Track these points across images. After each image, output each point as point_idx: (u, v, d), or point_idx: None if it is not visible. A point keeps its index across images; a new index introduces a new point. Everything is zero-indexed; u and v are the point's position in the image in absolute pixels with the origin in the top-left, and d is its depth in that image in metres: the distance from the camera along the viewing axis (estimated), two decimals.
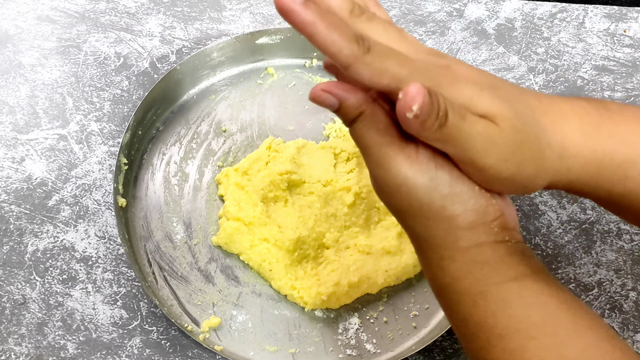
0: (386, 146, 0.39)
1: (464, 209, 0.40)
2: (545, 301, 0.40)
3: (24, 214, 0.67)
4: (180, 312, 0.64)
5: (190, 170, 0.71)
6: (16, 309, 0.63)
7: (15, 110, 0.72)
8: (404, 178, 0.39)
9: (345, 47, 0.35)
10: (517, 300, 0.40)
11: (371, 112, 0.39)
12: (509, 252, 0.41)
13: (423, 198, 0.39)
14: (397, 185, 0.39)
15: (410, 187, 0.39)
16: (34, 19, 0.77)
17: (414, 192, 0.39)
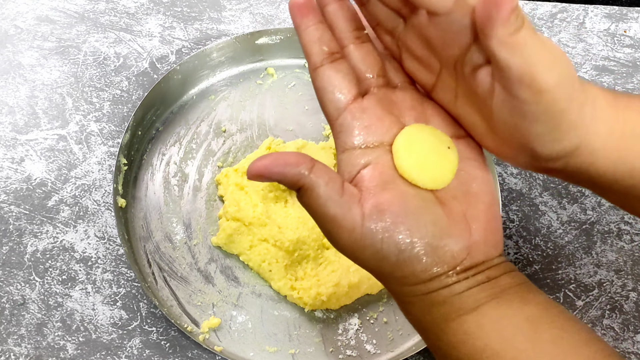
0: (330, 220, 0.39)
1: (413, 270, 0.39)
2: (504, 325, 0.39)
3: (23, 214, 0.67)
4: (180, 313, 0.64)
5: (190, 170, 0.71)
6: (16, 310, 0.63)
7: (14, 111, 0.72)
8: (350, 250, 0.40)
9: None
10: (476, 332, 0.39)
11: (310, 186, 0.39)
12: (469, 286, 0.40)
13: (370, 265, 0.40)
14: (345, 252, 0.40)
15: (357, 257, 0.40)
16: (34, 19, 0.77)
17: (361, 261, 0.40)
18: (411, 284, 0.40)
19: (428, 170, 0.41)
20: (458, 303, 0.40)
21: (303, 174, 0.39)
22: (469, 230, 0.40)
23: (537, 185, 0.71)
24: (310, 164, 0.39)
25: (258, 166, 0.38)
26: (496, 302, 0.40)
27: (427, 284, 0.40)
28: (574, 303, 0.66)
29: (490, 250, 0.41)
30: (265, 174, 0.39)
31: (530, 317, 0.39)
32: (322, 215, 0.39)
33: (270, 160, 0.39)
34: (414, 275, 0.40)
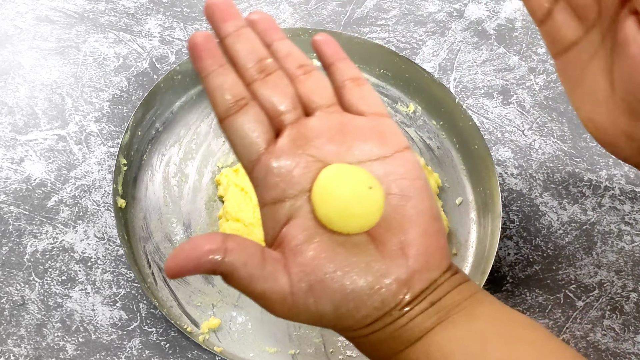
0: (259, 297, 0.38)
1: (355, 320, 0.38)
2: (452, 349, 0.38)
3: (23, 214, 0.67)
4: (179, 313, 0.64)
5: (190, 171, 0.70)
6: (15, 310, 0.63)
7: (14, 111, 0.72)
8: (287, 317, 0.39)
9: None
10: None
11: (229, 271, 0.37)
12: (412, 316, 0.39)
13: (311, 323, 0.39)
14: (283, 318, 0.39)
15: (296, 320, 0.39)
16: (33, 20, 0.77)
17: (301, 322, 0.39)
18: (355, 329, 0.39)
19: (351, 216, 0.38)
20: (404, 336, 0.39)
21: (217, 263, 0.37)
22: (407, 261, 0.39)
23: (538, 185, 0.71)
24: (222, 247, 0.37)
25: (172, 267, 0.37)
26: (442, 326, 0.38)
27: (370, 326, 0.39)
28: (574, 304, 0.66)
29: (433, 274, 0.39)
30: (180, 274, 0.37)
31: (477, 334, 0.38)
32: (251, 294, 0.38)
33: (181, 258, 0.37)
34: (356, 323, 0.39)
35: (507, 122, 0.75)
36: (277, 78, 0.42)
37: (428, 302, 0.39)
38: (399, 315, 0.38)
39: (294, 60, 0.43)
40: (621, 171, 0.72)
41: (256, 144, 0.40)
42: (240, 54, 0.42)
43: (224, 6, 0.42)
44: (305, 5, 0.80)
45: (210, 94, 0.41)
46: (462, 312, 0.39)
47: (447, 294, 0.39)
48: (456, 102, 0.71)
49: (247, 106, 0.40)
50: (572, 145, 0.74)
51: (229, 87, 0.40)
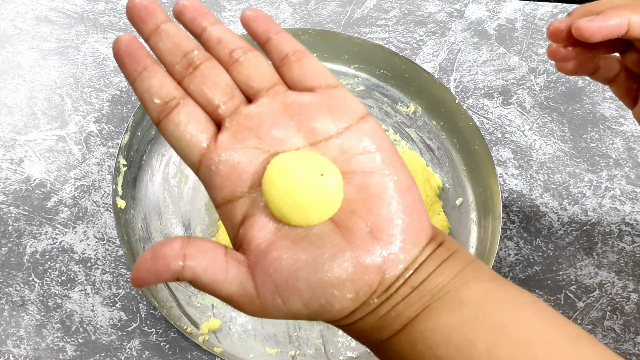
0: (227, 300, 0.36)
1: (331, 314, 0.36)
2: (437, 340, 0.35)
3: (22, 215, 0.67)
4: (179, 314, 0.64)
5: (190, 171, 0.70)
6: (15, 311, 0.63)
7: (13, 111, 0.72)
8: (260, 316, 0.37)
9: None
10: (410, 353, 0.36)
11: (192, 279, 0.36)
12: (392, 303, 0.36)
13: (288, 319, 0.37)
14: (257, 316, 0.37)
15: (271, 318, 0.37)
16: (33, 20, 0.77)
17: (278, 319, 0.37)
18: (335, 321, 0.38)
19: (306, 208, 0.36)
20: (386, 325, 0.37)
21: (178, 272, 0.35)
22: (377, 245, 0.36)
23: (538, 186, 0.71)
24: (181, 254, 0.35)
25: (136, 278, 0.35)
26: (425, 314, 0.36)
27: (348, 317, 0.37)
28: (574, 304, 0.66)
29: (410, 254, 0.36)
30: (145, 284, 0.36)
31: (464, 323, 0.35)
32: (218, 297, 0.36)
33: (143, 270, 0.35)
34: (333, 316, 0.37)
35: (508, 122, 0.75)
36: (206, 69, 0.39)
37: (409, 286, 0.36)
38: (379, 304, 0.36)
39: (226, 45, 0.40)
40: (622, 172, 0.72)
41: (195, 145, 0.38)
42: (165, 52, 0.39)
43: (141, 6, 0.40)
44: (305, 5, 0.80)
45: (139, 98, 0.39)
46: (446, 298, 0.36)
47: (430, 275, 0.36)
48: (456, 102, 0.70)
49: (179, 106, 0.38)
50: (573, 146, 0.74)
51: (157, 90, 0.38)
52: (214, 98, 0.38)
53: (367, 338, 0.39)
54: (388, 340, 0.37)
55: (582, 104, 0.76)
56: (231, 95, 0.39)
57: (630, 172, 0.72)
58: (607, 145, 0.74)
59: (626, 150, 0.74)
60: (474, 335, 0.35)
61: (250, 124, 0.38)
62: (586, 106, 0.76)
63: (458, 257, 0.38)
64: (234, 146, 0.37)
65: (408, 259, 0.36)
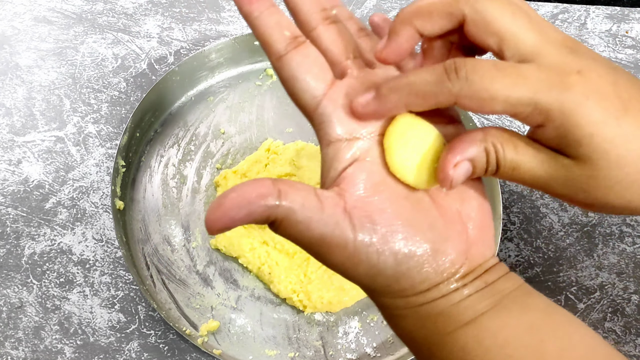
0: (318, 243, 0.35)
1: (412, 282, 0.36)
2: (506, 338, 0.36)
3: (20, 216, 0.67)
4: (178, 316, 0.64)
5: (189, 172, 0.70)
6: (13, 313, 0.63)
7: (12, 112, 0.72)
8: (343, 268, 0.36)
9: None
10: (476, 348, 0.36)
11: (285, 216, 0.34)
12: (467, 294, 0.37)
13: (364, 281, 0.37)
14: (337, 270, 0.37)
15: (350, 274, 0.36)
16: (31, 20, 0.77)
17: (354, 277, 0.36)
18: (407, 296, 0.37)
19: (423, 170, 0.37)
20: (455, 314, 0.37)
21: (273, 206, 0.34)
22: (466, 231, 0.37)
23: None
24: (276, 191, 0.34)
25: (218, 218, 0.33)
26: (495, 311, 0.36)
27: (425, 294, 0.37)
28: (575, 306, 0.66)
29: (486, 251, 0.38)
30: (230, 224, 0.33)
31: (532, 326, 0.36)
32: (308, 239, 0.35)
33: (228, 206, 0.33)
34: (412, 287, 0.36)
35: (508, 123, 0.75)
36: (341, 27, 0.40)
37: (483, 281, 0.37)
38: (455, 288, 0.37)
39: (356, 23, 0.42)
40: None
41: (320, 79, 0.37)
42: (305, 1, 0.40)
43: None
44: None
45: (263, 33, 0.38)
46: (515, 301, 0.37)
47: (500, 278, 0.37)
48: None
49: (307, 44, 0.38)
50: None
51: (286, 25, 0.38)
52: (347, 50, 0.39)
53: (426, 328, 0.38)
54: (453, 333, 0.37)
55: None
56: (357, 54, 0.39)
57: None
58: None
59: None
60: (544, 336, 0.36)
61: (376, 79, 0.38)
62: None
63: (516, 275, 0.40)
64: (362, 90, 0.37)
65: (485, 255, 0.38)
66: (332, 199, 0.35)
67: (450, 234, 0.37)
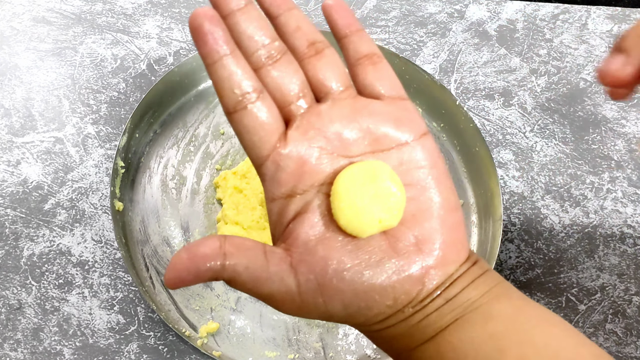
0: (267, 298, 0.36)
1: (366, 318, 0.37)
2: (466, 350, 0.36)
3: (19, 217, 0.66)
4: (178, 317, 0.63)
5: (188, 173, 0.70)
6: (12, 314, 0.63)
7: (10, 113, 0.71)
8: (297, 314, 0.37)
9: None
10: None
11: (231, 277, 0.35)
12: (427, 312, 0.37)
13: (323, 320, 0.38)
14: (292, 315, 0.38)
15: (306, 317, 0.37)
16: (30, 21, 0.77)
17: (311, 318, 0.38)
18: (367, 326, 0.38)
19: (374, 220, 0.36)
20: (417, 334, 0.37)
21: (217, 271, 0.35)
22: (422, 257, 0.37)
23: (539, 188, 0.71)
24: (221, 253, 0.35)
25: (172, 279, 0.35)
26: (456, 325, 0.36)
27: (383, 322, 0.37)
28: (576, 307, 0.66)
29: (449, 269, 0.37)
30: (181, 285, 0.35)
31: (493, 335, 0.35)
32: (257, 296, 0.36)
33: (179, 269, 0.35)
34: (368, 320, 0.37)
35: (509, 124, 0.74)
36: (285, 64, 0.38)
37: (443, 299, 0.37)
38: (413, 312, 0.37)
39: (304, 35, 0.40)
40: (624, 174, 0.72)
41: (266, 141, 0.37)
42: (245, 36, 0.38)
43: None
44: (305, 6, 0.80)
45: (216, 84, 0.37)
46: (478, 311, 0.37)
47: (463, 289, 0.37)
48: (457, 104, 0.70)
49: (257, 100, 0.37)
50: (574, 148, 0.73)
51: (239, 80, 0.37)
52: (289, 94, 0.38)
53: (394, 346, 0.39)
54: (416, 349, 0.37)
55: (583, 105, 0.76)
56: (305, 92, 0.39)
57: (632, 174, 0.72)
58: (609, 146, 0.73)
59: (628, 152, 0.73)
60: (504, 346, 0.35)
61: (319, 123, 0.38)
62: (588, 107, 0.76)
63: (490, 276, 0.39)
64: (303, 144, 0.37)
65: (446, 274, 0.37)
66: (278, 255, 0.36)
67: (403, 267, 0.36)
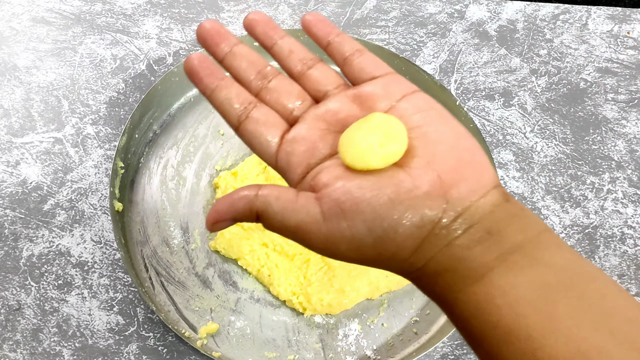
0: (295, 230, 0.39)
1: (397, 243, 0.37)
2: (516, 298, 0.35)
3: (18, 218, 0.66)
4: (177, 318, 0.63)
5: (188, 174, 0.70)
6: (11, 315, 0.63)
7: (10, 114, 0.71)
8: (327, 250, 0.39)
9: None
10: (487, 306, 0.36)
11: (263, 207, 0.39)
12: (469, 247, 0.36)
13: (355, 257, 0.39)
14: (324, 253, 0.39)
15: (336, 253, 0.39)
16: (29, 21, 0.77)
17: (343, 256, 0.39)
18: (404, 259, 0.38)
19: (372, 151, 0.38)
20: (461, 269, 0.36)
21: (251, 199, 0.39)
22: (438, 176, 0.37)
23: (539, 188, 0.71)
24: (255, 189, 0.40)
25: (212, 216, 0.40)
26: (505, 268, 0.36)
27: (419, 251, 0.37)
28: None
29: (474, 187, 0.37)
30: (220, 219, 0.40)
31: (545, 285, 0.35)
32: (287, 228, 0.39)
33: (220, 204, 0.40)
34: (400, 248, 0.37)
35: (509, 124, 0.74)
36: (279, 81, 0.44)
37: (484, 230, 0.36)
38: (448, 240, 0.36)
39: (296, 56, 0.45)
40: (624, 174, 0.72)
41: (273, 140, 0.42)
42: (241, 69, 0.44)
43: (214, 31, 0.44)
44: (305, 6, 0.80)
45: (218, 108, 0.43)
46: (527, 256, 0.36)
47: (508, 227, 0.37)
48: (457, 104, 0.70)
49: (256, 108, 0.43)
50: (575, 148, 0.73)
51: (235, 96, 0.43)
52: (288, 103, 0.43)
53: (439, 286, 0.38)
54: (464, 290, 0.37)
55: (583, 105, 0.76)
56: (303, 98, 0.43)
57: (632, 175, 0.72)
58: (609, 147, 0.73)
59: (628, 152, 0.73)
60: (557, 299, 0.35)
61: (318, 112, 0.42)
62: (588, 108, 0.76)
63: (533, 219, 0.38)
64: (304, 127, 0.42)
65: (471, 191, 0.37)
66: (306, 194, 0.39)
67: (420, 186, 0.37)
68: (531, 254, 0.36)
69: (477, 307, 0.36)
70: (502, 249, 0.36)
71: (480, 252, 0.36)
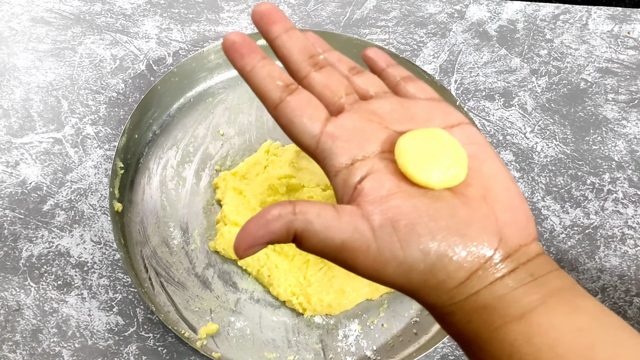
0: (340, 249, 0.36)
1: (447, 272, 0.36)
2: (555, 338, 0.35)
3: (18, 218, 0.66)
4: (177, 319, 0.63)
5: (188, 174, 0.70)
6: (10, 316, 0.62)
7: (9, 114, 0.71)
8: (373, 271, 0.37)
9: None
10: (525, 345, 0.35)
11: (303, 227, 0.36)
12: (512, 287, 0.36)
13: (400, 281, 0.37)
14: (369, 276, 0.37)
15: (382, 276, 0.37)
16: (29, 21, 0.76)
17: (388, 279, 0.37)
18: (448, 289, 0.37)
19: (434, 169, 0.37)
20: (501, 308, 0.36)
21: (290, 220, 0.36)
22: (494, 213, 0.37)
23: (540, 189, 0.71)
24: (290, 206, 0.36)
25: (245, 241, 0.36)
26: (544, 309, 0.36)
27: (465, 284, 0.36)
28: None
29: (523, 233, 0.37)
30: (254, 244, 0.36)
31: (583, 329, 0.35)
32: (329, 248, 0.36)
33: (251, 227, 0.36)
34: (450, 277, 0.36)
35: (509, 124, 0.74)
36: (331, 70, 0.42)
37: (528, 273, 0.37)
38: (496, 277, 0.36)
39: (345, 64, 0.44)
40: (624, 174, 0.72)
41: (317, 118, 0.40)
42: (294, 51, 0.43)
43: (272, 10, 0.43)
44: (304, 6, 0.80)
45: (258, 85, 0.41)
46: (565, 300, 0.36)
47: (548, 273, 0.37)
48: (457, 104, 0.70)
49: (299, 89, 0.41)
50: (575, 148, 0.73)
51: (279, 74, 0.41)
52: (337, 92, 0.41)
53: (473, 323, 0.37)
54: (501, 327, 0.36)
55: (584, 105, 0.76)
56: (349, 92, 0.42)
57: (632, 175, 0.72)
58: (610, 147, 0.73)
59: (629, 152, 0.73)
60: (594, 342, 0.35)
61: (372, 107, 0.41)
62: (588, 108, 0.76)
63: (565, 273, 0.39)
64: (355, 117, 0.40)
65: (522, 237, 0.37)
66: (348, 209, 0.37)
67: (475, 218, 0.37)
68: (568, 299, 0.36)
69: (513, 345, 0.36)
70: (542, 291, 0.36)
71: (523, 292, 0.36)
